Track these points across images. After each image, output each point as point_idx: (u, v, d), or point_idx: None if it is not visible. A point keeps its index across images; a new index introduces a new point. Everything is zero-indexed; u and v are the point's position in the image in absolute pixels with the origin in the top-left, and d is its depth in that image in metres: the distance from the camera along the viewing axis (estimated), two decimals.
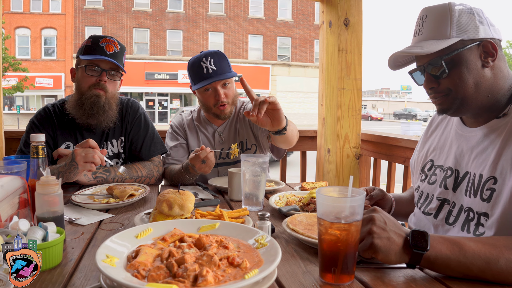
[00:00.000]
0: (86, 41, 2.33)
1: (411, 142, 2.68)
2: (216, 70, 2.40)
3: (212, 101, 2.47)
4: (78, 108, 2.30)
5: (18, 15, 27.25)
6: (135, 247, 1.11)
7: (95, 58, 2.26)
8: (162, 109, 31.48)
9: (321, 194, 1.07)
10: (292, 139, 2.29)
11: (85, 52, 2.29)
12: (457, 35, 1.36)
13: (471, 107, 1.41)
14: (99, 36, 2.33)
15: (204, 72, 2.40)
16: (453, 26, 1.36)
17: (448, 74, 1.38)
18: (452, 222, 1.46)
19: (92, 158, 1.96)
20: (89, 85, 2.29)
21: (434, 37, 1.39)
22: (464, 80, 1.37)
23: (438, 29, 1.38)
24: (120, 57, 2.35)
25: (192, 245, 1.09)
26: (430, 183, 1.61)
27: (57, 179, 1.34)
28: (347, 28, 3.19)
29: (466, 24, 1.36)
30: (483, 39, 1.36)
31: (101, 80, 2.29)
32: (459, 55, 1.37)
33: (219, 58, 2.43)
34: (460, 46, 1.36)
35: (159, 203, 1.47)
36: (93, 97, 2.27)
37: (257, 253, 1.07)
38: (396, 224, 1.14)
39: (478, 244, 1.12)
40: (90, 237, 1.45)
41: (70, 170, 2.00)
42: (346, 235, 1.04)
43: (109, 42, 2.30)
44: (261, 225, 1.33)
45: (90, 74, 2.28)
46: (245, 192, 1.84)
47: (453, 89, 1.40)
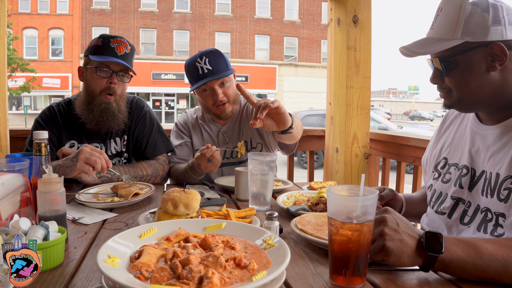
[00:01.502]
0: (96, 40, 2.28)
1: (421, 141, 2.63)
2: (212, 69, 2.34)
3: (211, 101, 2.42)
4: (88, 113, 2.27)
5: (26, 16, 27.42)
6: (138, 247, 1.07)
7: (106, 60, 2.21)
8: (169, 109, 31.53)
9: (331, 192, 1.02)
10: (298, 135, 2.23)
11: (95, 52, 2.24)
12: (462, 36, 1.30)
13: (475, 106, 1.40)
14: (110, 36, 2.28)
15: (200, 72, 2.35)
16: (460, 27, 1.31)
17: (450, 74, 1.37)
18: (467, 222, 1.41)
19: (94, 162, 1.92)
20: (100, 90, 2.26)
21: (440, 35, 1.36)
22: (465, 82, 1.35)
23: (446, 27, 1.34)
24: (130, 58, 2.31)
25: (197, 245, 1.05)
26: (444, 181, 1.56)
27: (59, 177, 1.30)
28: (356, 26, 3.14)
29: (475, 25, 1.30)
30: (491, 42, 1.29)
31: (111, 82, 2.25)
32: (462, 57, 1.33)
33: (215, 57, 2.37)
34: (464, 48, 1.32)
35: (164, 202, 1.43)
36: (104, 105, 2.25)
37: (265, 254, 1.03)
38: (408, 225, 1.09)
39: (495, 246, 1.07)
40: (93, 237, 1.41)
41: (68, 165, 1.96)
42: (358, 236, 1.00)
43: (120, 43, 2.26)
44: (269, 225, 1.29)
45: (100, 75, 2.24)
46: (252, 191, 1.80)
47: (454, 89, 1.39)
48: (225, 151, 2.54)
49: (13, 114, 27.86)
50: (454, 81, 1.37)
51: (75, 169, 1.95)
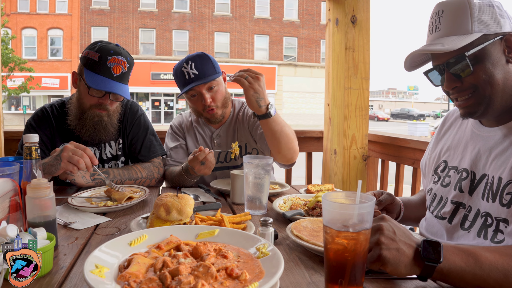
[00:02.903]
0: (94, 54, 2.15)
1: (421, 143, 2.60)
2: (198, 74, 2.30)
3: (200, 106, 2.39)
4: (81, 126, 2.23)
5: (25, 16, 27.39)
6: (128, 256, 1.04)
7: (99, 88, 2.13)
8: (168, 109, 31.50)
9: (327, 200, 0.99)
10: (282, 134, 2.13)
11: (90, 68, 2.15)
12: (479, 29, 1.27)
13: (497, 106, 1.32)
14: (108, 51, 2.15)
15: (186, 77, 2.31)
16: (475, 20, 1.27)
17: (474, 70, 1.29)
18: (467, 227, 1.38)
19: (77, 162, 1.84)
20: (91, 105, 2.20)
21: (454, 33, 1.30)
22: (491, 75, 1.28)
23: (458, 24, 1.30)
24: (127, 77, 2.23)
25: (188, 254, 1.02)
26: (443, 185, 1.52)
27: (49, 182, 1.27)
28: (354, 26, 3.11)
29: (487, 17, 1.27)
30: (506, 33, 1.28)
31: (103, 102, 2.20)
32: (483, 51, 1.28)
33: (201, 60, 2.33)
34: (483, 41, 1.28)
35: (157, 207, 1.40)
36: (96, 118, 2.21)
37: (258, 264, 1.00)
38: (406, 233, 1.06)
39: (495, 254, 1.04)
40: (84, 243, 1.38)
41: (52, 164, 1.89)
42: (354, 245, 0.97)
43: (117, 63, 2.15)
44: (264, 231, 1.26)
45: (93, 95, 2.17)
46: (247, 195, 1.77)
47: (480, 86, 1.30)
48: (218, 154, 2.51)
49: (12, 114, 27.84)
50: (478, 76, 1.29)
51: (60, 168, 1.88)
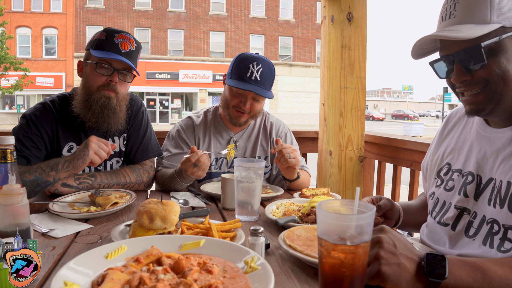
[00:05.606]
0: (100, 34, 2.09)
1: (419, 144, 2.51)
2: (259, 81, 2.25)
3: (235, 102, 2.31)
4: (87, 110, 2.08)
5: (19, 14, 27.19)
6: (103, 270, 0.94)
7: (108, 57, 2.03)
8: (163, 108, 31.40)
9: (322, 210, 0.90)
10: (302, 186, 2.36)
11: (97, 47, 2.06)
12: (498, 20, 1.17)
13: (507, 106, 1.23)
14: (115, 30, 2.10)
15: (247, 74, 2.24)
16: (494, 10, 1.17)
17: (486, 64, 1.19)
18: (472, 235, 1.29)
19: (103, 154, 1.93)
20: (98, 85, 2.08)
21: (470, 21, 1.20)
22: (505, 70, 1.18)
23: (476, 12, 1.19)
24: (135, 56, 2.14)
25: (169, 269, 0.92)
26: (447, 189, 1.43)
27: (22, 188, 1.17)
28: (350, 23, 3.01)
29: (507, 9, 1.18)
30: None
31: (112, 80, 2.08)
32: (500, 43, 1.18)
33: (269, 71, 2.30)
34: (501, 33, 1.18)
35: (139, 214, 1.30)
36: (103, 99, 2.07)
37: (246, 280, 0.90)
38: (407, 246, 0.97)
39: (505, 268, 0.96)
40: (61, 253, 1.28)
41: (79, 157, 1.89)
42: (352, 259, 0.87)
43: (125, 39, 2.08)
44: (254, 241, 1.16)
45: (100, 72, 2.06)
46: (238, 200, 1.67)
47: (492, 81, 1.21)
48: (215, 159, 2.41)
49: (6, 114, 27.64)
50: (491, 70, 1.20)
51: (87, 160, 1.90)
